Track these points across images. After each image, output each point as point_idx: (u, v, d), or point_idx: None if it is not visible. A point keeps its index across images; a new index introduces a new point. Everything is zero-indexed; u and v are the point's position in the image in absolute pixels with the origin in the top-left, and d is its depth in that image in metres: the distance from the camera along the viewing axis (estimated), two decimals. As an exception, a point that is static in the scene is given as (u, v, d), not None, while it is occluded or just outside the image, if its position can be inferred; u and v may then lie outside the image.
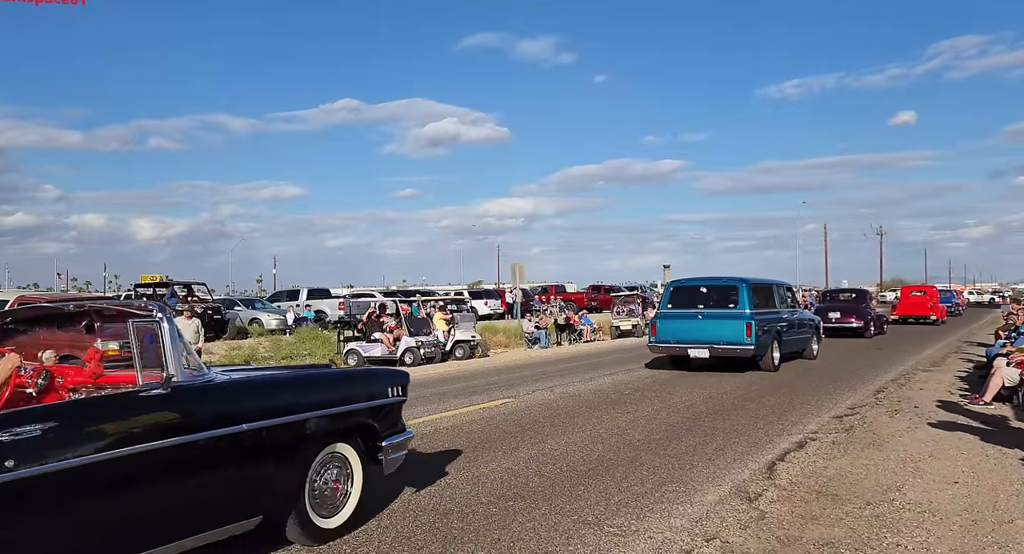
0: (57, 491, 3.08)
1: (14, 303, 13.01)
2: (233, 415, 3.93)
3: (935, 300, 32.52)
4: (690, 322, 13.74)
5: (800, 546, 4.46)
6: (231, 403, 4.01)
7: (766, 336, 13.39)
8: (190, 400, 3.79)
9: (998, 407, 9.33)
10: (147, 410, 3.57)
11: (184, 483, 3.64)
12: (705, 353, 13.42)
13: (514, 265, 26.43)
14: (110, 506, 3.33)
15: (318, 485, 4.51)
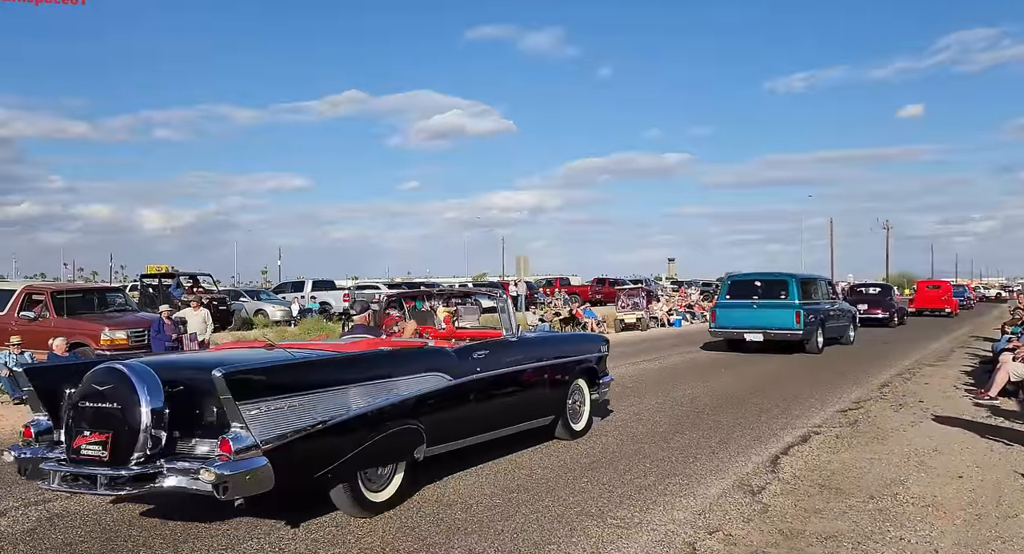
0: (488, 383, 6.04)
1: (22, 293, 13.09)
2: (539, 355, 6.96)
3: (948, 294, 35.04)
4: (746, 311, 16.05)
5: (803, 539, 4.47)
6: (538, 349, 7.12)
7: (812, 323, 15.71)
8: (523, 345, 6.77)
9: (1003, 402, 9.29)
10: (511, 348, 6.54)
11: (524, 389, 6.63)
12: (759, 337, 15.72)
13: (519, 258, 26.44)
14: (500, 399, 6.27)
15: (569, 404, 7.26)
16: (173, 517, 4.98)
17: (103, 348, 11.88)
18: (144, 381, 4.36)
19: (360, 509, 4.86)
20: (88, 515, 5.06)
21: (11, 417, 9.23)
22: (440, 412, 5.46)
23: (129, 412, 4.29)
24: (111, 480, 4.27)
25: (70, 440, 4.48)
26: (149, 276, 24.71)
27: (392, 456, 5.09)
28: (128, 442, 4.26)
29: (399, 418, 5.06)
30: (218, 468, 4.00)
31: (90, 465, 4.33)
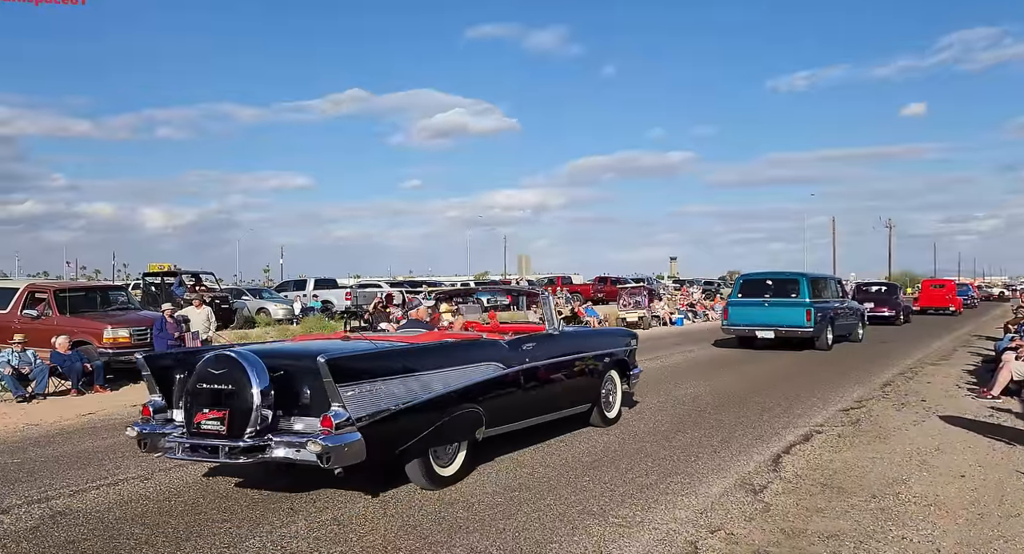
0: (536, 372, 6.71)
1: (24, 291, 13.10)
2: (578, 348, 7.61)
3: (952, 293, 35.65)
4: (758, 309, 16.57)
5: (805, 538, 4.47)
6: (576, 342, 7.79)
7: (822, 321, 16.20)
8: (564, 338, 7.40)
9: (1006, 401, 9.28)
10: (554, 341, 7.17)
11: (564, 380, 7.22)
12: (771, 334, 16.27)
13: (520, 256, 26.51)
14: (524, 394, 6.58)
15: (603, 393, 7.84)
16: (175, 515, 4.99)
17: (105, 346, 11.90)
18: (253, 366, 5.01)
19: (430, 482, 5.49)
20: (91, 513, 5.07)
21: (14, 415, 9.25)
22: (496, 398, 6.17)
23: (242, 393, 4.94)
24: (230, 449, 4.95)
25: (190, 416, 5.15)
26: (151, 274, 24.69)
27: (457, 435, 5.75)
28: (242, 418, 4.92)
29: (463, 402, 5.74)
30: (323, 440, 4.66)
31: (210, 438, 5.03)
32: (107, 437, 7.83)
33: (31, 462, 6.70)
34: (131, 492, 5.60)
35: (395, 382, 5.21)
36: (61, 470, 6.34)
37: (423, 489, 5.49)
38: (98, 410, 9.57)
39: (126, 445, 7.37)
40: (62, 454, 7.01)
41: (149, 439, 5.43)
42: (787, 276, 17.40)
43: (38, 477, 6.10)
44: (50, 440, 7.75)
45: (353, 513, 4.98)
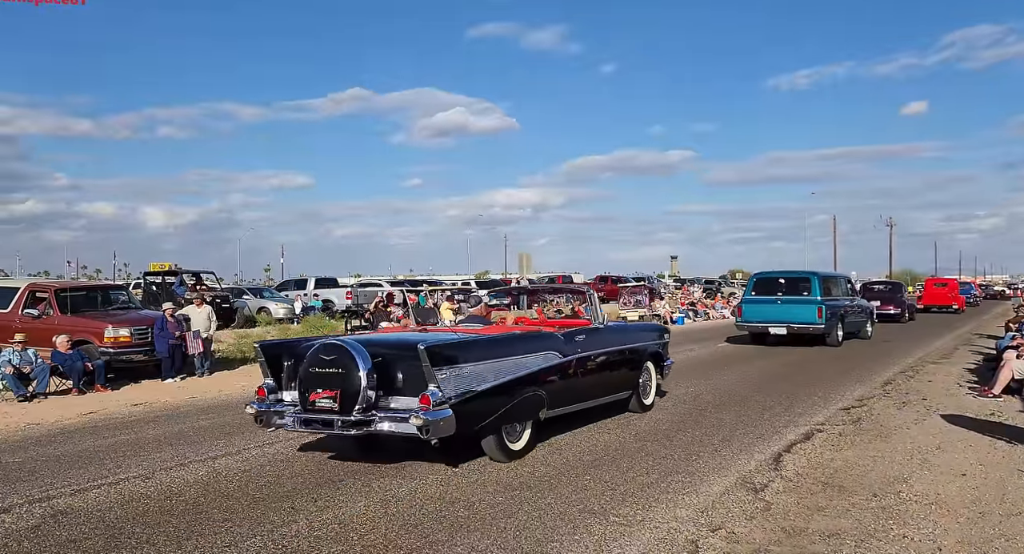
0: (587, 361, 7.43)
1: (25, 290, 13.11)
2: (620, 341, 8.33)
3: (955, 291, 36.46)
4: (771, 306, 17.13)
5: (806, 537, 4.46)
6: (619, 335, 8.45)
7: (833, 318, 16.75)
8: (608, 332, 8.11)
9: (1007, 400, 9.28)
10: (600, 334, 7.88)
11: (609, 369, 7.94)
12: (783, 331, 16.79)
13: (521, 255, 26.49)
14: (578, 381, 7.33)
15: (641, 381, 8.58)
16: (176, 514, 5.00)
17: (106, 346, 11.91)
18: (359, 353, 5.82)
19: (503, 455, 6.28)
20: (92, 512, 5.08)
21: (15, 414, 9.26)
22: (554, 383, 6.92)
23: (350, 375, 5.80)
24: (343, 423, 5.78)
25: (305, 396, 6.04)
26: (152, 274, 24.72)
27: (526, 415, 6.54)
28: (351, 397, 5.76)
29: (530, 386, 6.53)
30: (423, 415, 5.45)
31: (323, 413, 5.90)
32: (108, 436, 7.84)
33: (32, 461, 6.71)
34: (132, 491, 5.60)
35: (477, 367, 6.05)
36: (62, 469, 6.34)
37: (496, 462, 6.25)
38: (99, 409, 9.58)
39: (127, 444, 7.38)
40: (63, 453, 7.01)
41: (264, 416, 6.36)
42: (799, 275, 18.07)
43: (39, 476, 6.10)
44: (51, 439, 7.75)
45: (354, 512, 4.98)
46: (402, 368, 5.97)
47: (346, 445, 6.91)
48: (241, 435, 7.69)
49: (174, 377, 12.24)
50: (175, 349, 12.37)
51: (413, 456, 6.57)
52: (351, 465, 6.30)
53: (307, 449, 6.96)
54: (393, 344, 6.48)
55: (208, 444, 7.27)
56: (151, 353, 12.35)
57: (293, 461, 6.49)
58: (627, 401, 8.49)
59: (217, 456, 6.72)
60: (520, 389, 6.37)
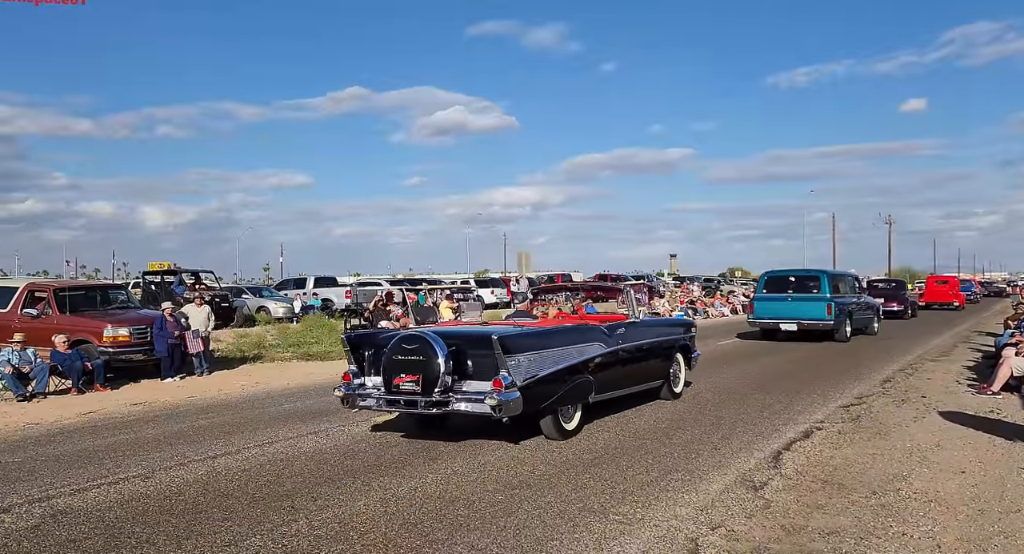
0: (626, 352, 8.15)
1: (24, 290, 13.10)
2: (654, 334, 9.04)
3: (956, 288, 37.18)
4: (782, 303, 17.87)
5: (805, 535, 4.47)
6: (652, 329, 9.19)
7: (841, 315, 17.37)
8: (643, 326, 8.86)
9: (1006, 397, 9.28)
10: (637, 328, 8.59)
11: (645, 359, 8.66)
12: (794, 327, 17.60)
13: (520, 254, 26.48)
14: (620, 369, 8.10)
15: (672, 371, 9.33)
16: (176, 514, 5.00)
17: (105, 345, 11.90)
18: (437, 342, 6.65)
19: (558, 433, 7.04)
20: (91, 512, 5.07)
21: (15, 414, 9.26)
22: (600, 370, 7.66)
23: (430, 362, 6.61)
24: (425, 403, 6.59)
25: (389, 380, 6.84)
26: (151, 273, 24.70)
27: (578, 398, 7.31)
28: (431, 380, 6.56)
29: (581, 372, 7.32)
30: (497, 396, 6.29)
31: (407, 395, 6.71)
32: (107, 436, 7.83)
33: (32, 461, 6.70)
34: (132, 491, 5.60)
35: (539, 355, 6.84)
36: (62, 469, 6.34)
37: (551, 440, 7.00)
38: (98, 409, 9.58)
39: (126, 444, 7.38)
40: (63, 453, 7.01)
41: (350, 398, 7.23)
42: (809, 273, 18.85)
43: (39, 476, 6.10)
44: (51, 439, 7.75)
45: (354, 511, 4.98)
46: (473, 356, 6.77)
47: (343, 441, 6.89)
48: (241, 434, 7.69)
49: (173, 376, 12.23)
50: (174, 348, 12.36)
51: (414, 451, 6.58)
52: (350, 464, 6.30)
53: (306, 449, 6.96)
54: (465, 335, 7.27)
55: (208, 443, 7.27)
56: (150, 352, 12.34)
57: (293, 461, 6.49)
58: (657, 390, 9.22)
59: (217, 455, 6.71)
60: (573, 375, 7.19)
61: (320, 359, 15.51)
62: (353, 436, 7.50)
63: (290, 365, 14.70)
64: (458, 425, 7.79)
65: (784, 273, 19.24)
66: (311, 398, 10.27)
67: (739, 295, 36.15)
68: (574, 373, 7.20)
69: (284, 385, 11.75)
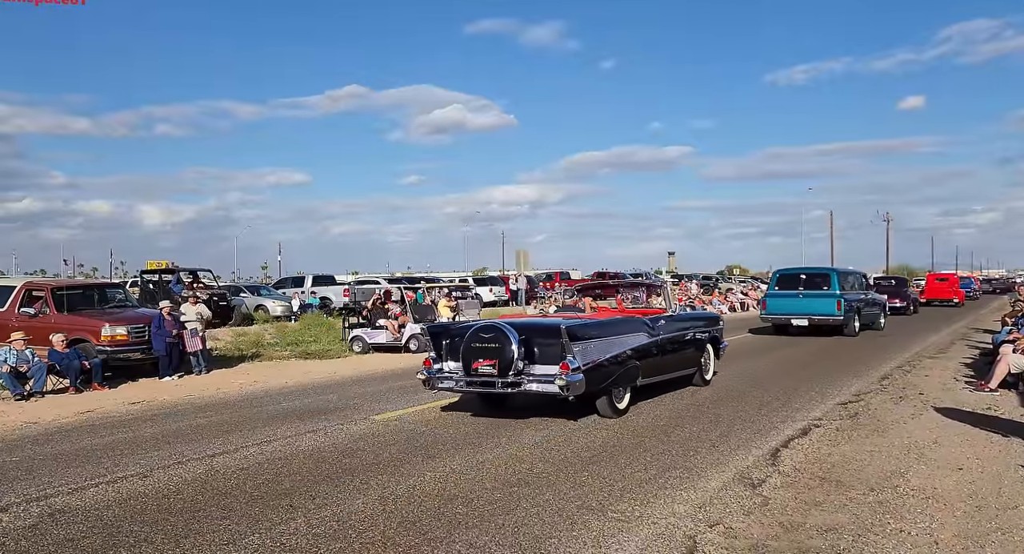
0: (666, 341, 9.13)
1: (22, 289, 13.07)
2: (689, 326, 10.01)
3: (955, 285, 38.36)
4: (793, 300, 18.67)
5: (803, 532, 4.47)
6: (688, 322, 10.20)
7: (850, 311, 18.20)
8: (679, 319, 9.84)
9: (1004, 394, 9.30)
10: (674, 320, 9.57)
11: (674, 353, 9.36)
12: (804, 322, 18.34)
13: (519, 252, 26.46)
14: (661, 358, 8.99)
15: (703, 360, 10.27)
16: (174, 513, 4.99)
17: (103, 344, 11.88)
18: (511, 332, 7.64)
19: (612, 412, 8.01)
20: (89, 511, 5.07)
21: (12, 413, 9.24)
22: (646, 358, 8.67)
23: (505, 348, 7.60)
24: (501, 384, 7.62)
25: (468, 364, 7.82)
26: (149, 272, 24.66)
27: (628, 381, 8.30)
28: (506, 365, 7.56)
29: (631, 358, 8.32)
30: (565, 377, 7.26)
31: (485, 377, 7.71)
32: (105, 435, 7.82)
33: (29, 460, 6.70)
34: (130, 490, 5.60)
35: (599, 342, 7.87)
36: (60, 468, 6.33)
37: (605, 418, 7.96)
38: (96, 408, 9.57)
39: (124, 443, 7.37)
40: (60, 452, 7.00)
41: (431, 380, 8.20)
42: (819, 271, 19.81)
43: (37, 475, 6.09)
44: (48, 438, 7.74)
45: (352, 510, 4.98)
46: (540, 343, 7.72)
47: (341, 440, 6.89)
48: (239, 433, 7.69)
49: (171, 375, 12.22)
50: (172, 347, 12.35)
51: (412, 450, 6.58)
52: (349, 463, 6.30)
53: (305, 447, 6.96)
54: (535, 326, 8.37)
55: (206, 442, 7.26)
56: (148, 351, 12.34)
57: (291, 459, 6.49)
58: (691, 377, 10.16)
59: (215, 454, 6.71)
60: (625, 361, 8.22)
61: (318, 358, 15.51)
62: (351, 435, 7.50)
63: (288, 364, 14.69)
64: (520, 404, 8.69)
65: (795, 271, 20.05)
66: (309, 396, 10.26)
67: (736, 293, 36.17)
68: (625, 359, 8.20)
69: (282, 384, 11.75)
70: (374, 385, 11.30)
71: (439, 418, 8.32)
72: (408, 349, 16.18)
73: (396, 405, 9.28)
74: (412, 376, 12.19)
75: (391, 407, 9.13)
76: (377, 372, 13.05)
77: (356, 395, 10.28)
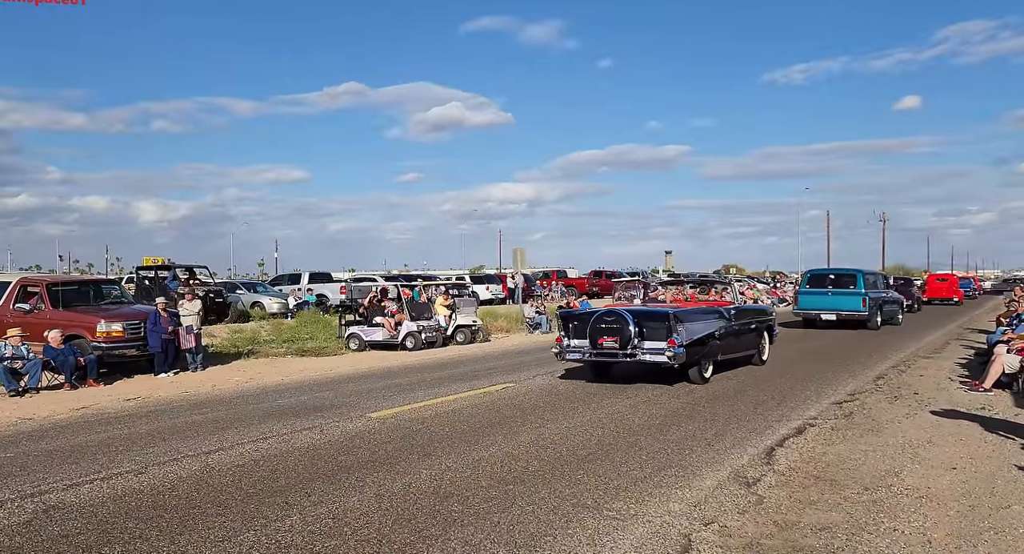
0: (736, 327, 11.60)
1: (17, 285, 13.03)
2: (750, 315, 12.63)
3: (955, 285, 40.56)
4: (822, 297, 21.00)
5: (797, 530, 4.49)
6: (749, 312, 12.99)
7: (873, 307, 20.52)
8: (743, 309, 12.68)
9: (998, 394, 9.34)
10: (740, 310, 12.16)
11: (742, 336, 11.89)
12: (833, 316, 20.59)
13: (516, 250, 26.38)
14: (734, 339, 11.57)
15: (761, 345, 12.52)
16: (169, 509, 4.99)
17: (98, 341, 11.86)
18: (629, 317, 10.18)
19: (701, 379, 10.41)
20: (84, 507, 5.06)
21: (7, 409, 9.22)
22: (722, 339, 11.04)
23: (624, 328, 10.07)
24: (622, 354, 10.10)
25: (594, 340, 10.32)
26: (145, 268, 24.58)
27: (712, 356, 10.78)
28: (626, 340, 10.04)
29: (714, 339, 10.74)
30: (672, 350, 9.68)
31: (608, 349, 10.23)
32: (101, 431, 7.81)
33: (24, 456, 6.68)
34: (125, 486, 5.59)
35: (693, 325, 10.20)
36: (54, 464, 6.32)
37: (694, 384, 10.29)
38: (91, 404, 9.55)
39: (119, 439, 7.36)
40: (55, 448, 6.99)
41: (563, 353, 10.73)
42: (846, 271, 22.18)
43: (31, 471, 6.08)
44: (43, 434, 7.72)
45: (348, 507, 4.98)
46: (649, 326, 10.11)
47: (337, 437, 6.88)
48: (234, 430, 7.68)
49: (167, 372, 12.21)
50: (168, 344, 12.34)
51: (409, 449, 6.59)
52: (344, 460, 6.30)
53: (300, 445, 6.96)
54: (645, 312, 10.78)
55: (201, 439, 7.25)
56: (144, 348, 12.31)
57: (286, 456, 6.49)
58: (751, 357, 12.40)
59: (210, 451, 6.70)
60: (711, 340, 10.59)
61: (315, 355, 15.49)
62: (347, 432, 7.50)
63: (284, 361, 14.68)
64: (621, 373, 11.25)
65: (824, 272, 23.00)
66: (305, 394, 10.26)
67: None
68: (711, 338, 10.58)
69: (278, 381, 11.74)
70: (370, 382, 11.30)
71: (435, 416, 8.32)
72: (404, 347, 16.17)
73: (392, 403, 9.28)
74: (408, 374, 12.24)
75: (387, 405, 9.13)
76: (373, 370, 13.05)
77: (352, 392, 10.27)
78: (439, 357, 15.11)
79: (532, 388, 10.45)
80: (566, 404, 9.05)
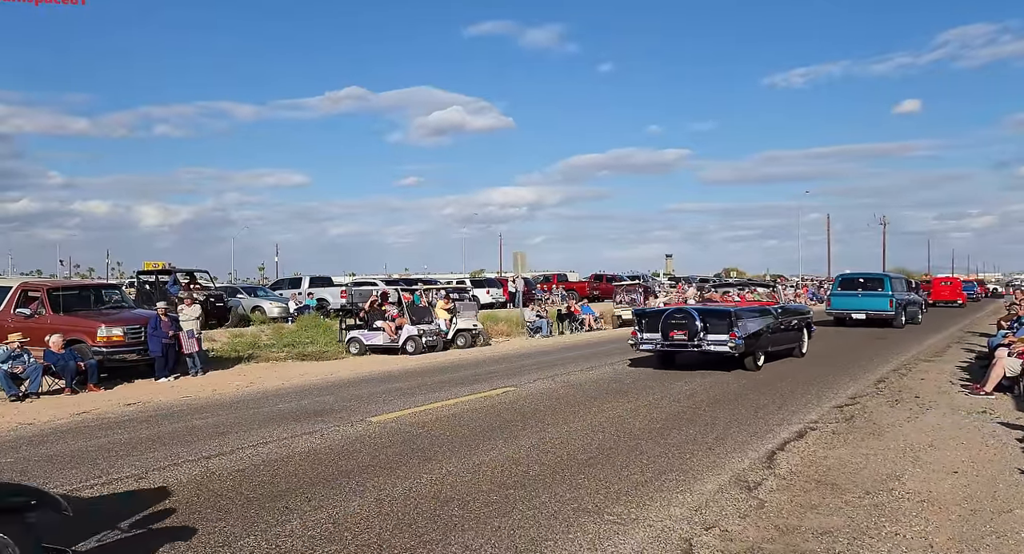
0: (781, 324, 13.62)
1: (18, 289, 13.04)
2: (793, 314, 14.82)
3: (959, 288, 42.72)
4: (853, 298, 23.66)
5: (799, 535, 4.48)
6: (792, 311, 15.13)
7: (899, 308, 23.05)
8: (787, 308, 15.03)
9: (999, 397, 9.33)
10: (785, 309, 14.47)
11: (787, 332, 13.94)
12: (863, 316, 23.01)
13: (516, 254, 26.40)
14: (781, 334, 13.58)
15: (801, 340, 14.64)
16: (170, 515, 4.98)
17: (99, 345, 11.85)
18: (696, 314, 12.02)
19: (755, 367, 12.21)
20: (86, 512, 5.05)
21: (8, 414, 9.22)
22: (771, 334, 12.80)
23: (691, 323, 11.94)
24: (690, 345, 12.02)
25: (665, 333, 12.18)
26: (146, 273, 24.59)
27: (763, 348, 12.54)
28: (693, 334, 11.90)
29: (766, 333, 12.51)
30: (733, 341, 11.62)
31: (678, 341, 12.13)
32: (101, 436, 7.81)
33: (24, 461, 6.68)
34: (125, 491, 5.58)
35: (748, 321, 11.99)
36: (55, 469, 6.31)
37: (750, 371, 12.02)
38: (92, 409, 9.55)
39: (120, 444, 7.35)
40: (56, 453, 6.99)
41: (637, 344, 12.62)
42: (874, 276, 24.62)
43: (32, 476, 6.08)
44: (44, 439, 7.72)
45: (348, 512, 4.98)
46: (711, 321, 11.88)
47: (337, 442, 6.88)
48: (235, 435, 7.68)
49: (167, 376, 12.20)
50: (168, 348, 12.33)
51: (407, 452, 6.58)
52: (345, 465, 6.30)
53: (301, 449, 6.95)
54: (709, 310, 12.53)
55: (202, 444, 7.25)
56: (144, 352, 12.31)
57: (287, 461, 6.48)
58: (793, 350, 14.15)
59: (211, 456, 6.70)
60: (763, 334, 12.40)
61: (315, 359, 15.49)
62: (348, 436, 7.50)
63: (285, 365, 14.67)
64: (683, 362, 13.03)
65: (854, 275, 25.14)
66: (306, 398, 10.25)
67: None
68: (763, 333, 12.38)
69: (279, 385, 11.73)
70: (371, 387, 11.29)
71: (436, 420, 8.31)
72: (405, 351, 16.16)
73: (393, 407, 9.27)
74: (408, 378, 12.24)
75: (388, 409, 9.12)
76: (374, 374, 13.05)
77: (352, 397, 10.27)
78: (440, 361, 15.10)
79: (533, 392, 10.44)
80: (567, 408, 9.04)
